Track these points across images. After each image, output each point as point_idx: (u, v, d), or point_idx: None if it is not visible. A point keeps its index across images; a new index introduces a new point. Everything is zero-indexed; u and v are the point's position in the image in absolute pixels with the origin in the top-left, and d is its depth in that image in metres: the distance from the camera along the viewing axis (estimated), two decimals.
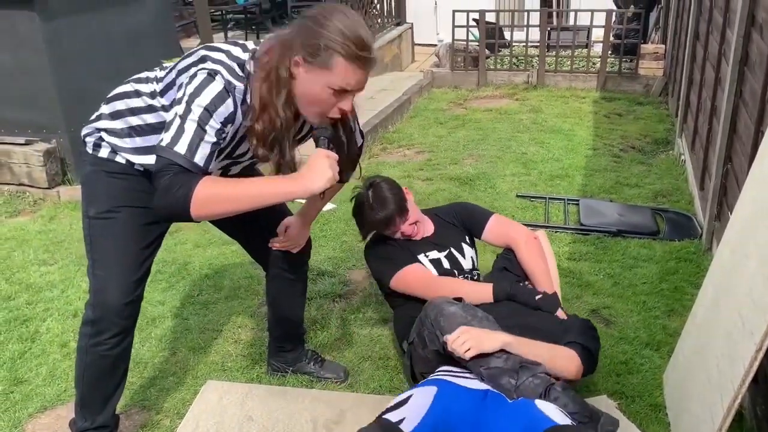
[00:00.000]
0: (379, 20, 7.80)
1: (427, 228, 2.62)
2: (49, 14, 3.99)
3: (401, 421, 1.79)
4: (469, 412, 1.87)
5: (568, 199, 4.00)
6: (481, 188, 4.22)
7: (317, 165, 1.58)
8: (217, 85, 1.57)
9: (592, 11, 6.85)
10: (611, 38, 6.80)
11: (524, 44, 7.18)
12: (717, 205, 3.14)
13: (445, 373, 2.05)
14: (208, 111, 1.56)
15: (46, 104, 4.16)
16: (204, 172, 1.57)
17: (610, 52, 6.89)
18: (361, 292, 3.04)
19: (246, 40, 9.52)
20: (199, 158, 1.56)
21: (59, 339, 2.72)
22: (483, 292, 2.36)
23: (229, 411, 2.25)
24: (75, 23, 4.17)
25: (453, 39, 7.24)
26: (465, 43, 7.22)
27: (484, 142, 5.27)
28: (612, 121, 5.80)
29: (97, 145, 1.87)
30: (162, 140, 1.57)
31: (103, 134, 1.85)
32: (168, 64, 1.80)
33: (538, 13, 7.08)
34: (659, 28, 7.54)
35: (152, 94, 1.79)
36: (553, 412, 1.79)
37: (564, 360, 2.08)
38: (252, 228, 2.16)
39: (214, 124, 1.57)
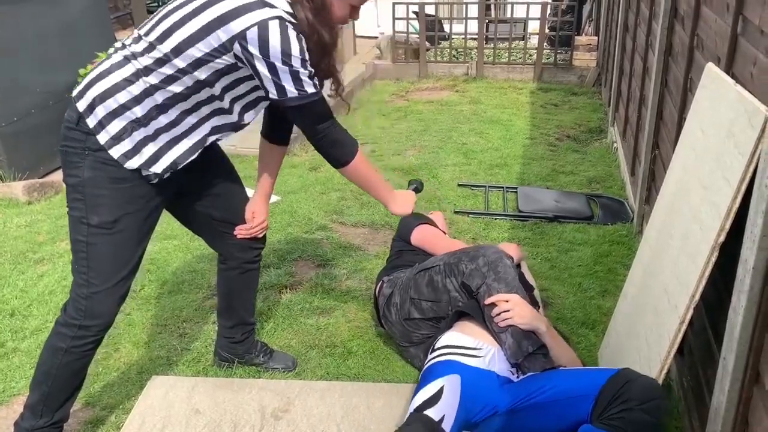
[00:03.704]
0: None
1: None
2: None
3: (442, 419, 1.79)
4: (491, 396, 1.94)
5: (506, 187, 4.11)
6: (424, 178, 4.28)
7: (408, 198, 2.23)
8: (291, 30, 1.74)
9: (528, 3, 7.03)
10: (546, 30, 6.99)
11: (463, 36, 7.30)
12: (646, 189, 3.29)
13: (452, 351, 2.05)
14: (298, 56, 1.76)
15: None
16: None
17: (545, 43, 7.08)
18: (307, 282, 3.06)
19: None
20: (314, 87, 1.85)
21: None
22: None
23: (175, 405, 2.24)
24: (2, 14, 4.03)
25: (394, 31, 7.30)
26: (406, 35, 7.28)
27: (426, 133, 5.35)
28: (548, 111, 5.96)
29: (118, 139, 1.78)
30: (282, 93, 1.79)
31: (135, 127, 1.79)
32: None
33: (477, 5, 7.21)
34: (592, 20, 7.77)
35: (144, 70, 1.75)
36: None
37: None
38: (217, 220, 2.19)
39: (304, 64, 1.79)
